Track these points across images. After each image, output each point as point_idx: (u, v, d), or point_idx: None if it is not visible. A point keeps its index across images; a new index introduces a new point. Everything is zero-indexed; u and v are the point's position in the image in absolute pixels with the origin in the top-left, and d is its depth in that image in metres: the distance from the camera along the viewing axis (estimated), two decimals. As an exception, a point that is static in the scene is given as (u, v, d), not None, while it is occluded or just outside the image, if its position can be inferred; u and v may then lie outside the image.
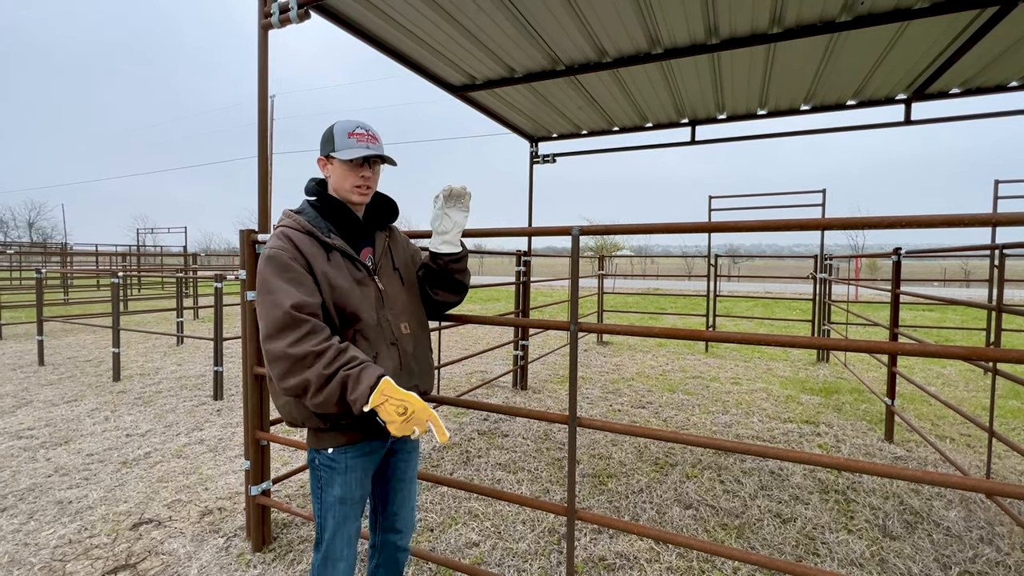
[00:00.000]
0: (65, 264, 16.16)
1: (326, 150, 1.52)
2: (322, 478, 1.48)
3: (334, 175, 1.52)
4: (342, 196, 1.53)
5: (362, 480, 1.52)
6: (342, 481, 1.47)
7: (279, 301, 1.31)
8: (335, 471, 1.47)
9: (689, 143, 4.97)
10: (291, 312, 1.30)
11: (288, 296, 1.32)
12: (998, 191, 6.84)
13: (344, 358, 1.30)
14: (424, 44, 3.30)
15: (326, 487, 1.48)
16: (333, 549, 1.50)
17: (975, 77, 3.72)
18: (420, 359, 1.60)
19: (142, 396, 5.02)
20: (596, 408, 4.74)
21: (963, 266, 31.72)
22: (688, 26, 3.02)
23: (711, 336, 1.62)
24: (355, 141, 1.49)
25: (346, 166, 1.49)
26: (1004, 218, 1.32)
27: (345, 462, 1.47)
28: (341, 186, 1.51)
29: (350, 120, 1.54)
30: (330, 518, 1.49)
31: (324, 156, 1.53)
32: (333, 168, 1.51)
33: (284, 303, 1.31)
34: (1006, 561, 2.37)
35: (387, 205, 1.65)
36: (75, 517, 2.72)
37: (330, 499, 1.48)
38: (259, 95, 2.47)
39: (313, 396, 1.29)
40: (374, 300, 1.50)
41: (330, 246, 1.46)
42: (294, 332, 1.29)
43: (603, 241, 30.81)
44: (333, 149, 1.49)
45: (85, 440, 3.84)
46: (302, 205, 1.56)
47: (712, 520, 2.73)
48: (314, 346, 1.28)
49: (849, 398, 5.09)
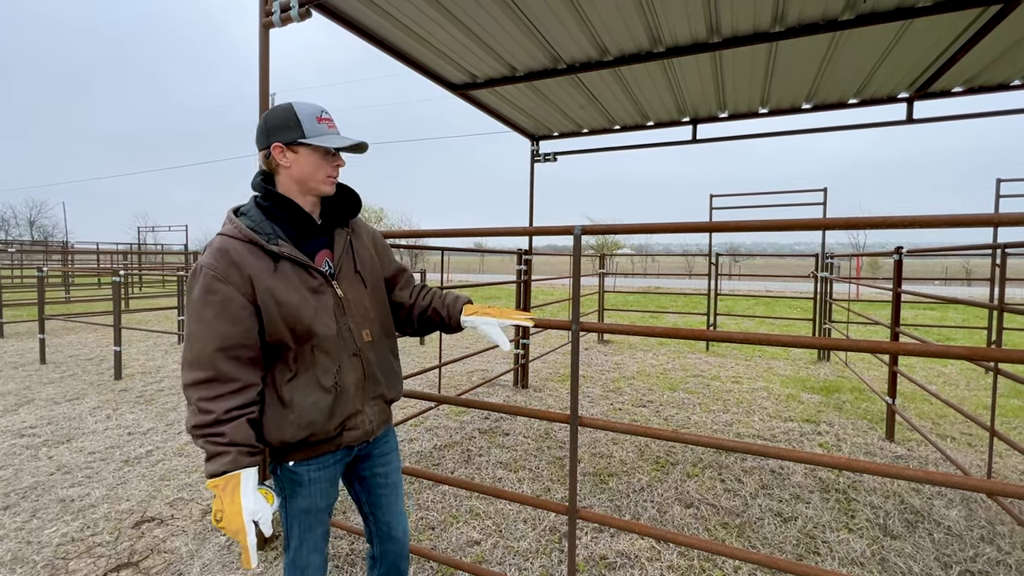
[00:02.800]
0: (66, 262, 16.18)
1: (290, 136, 1.31)
2: (285, 488, 1.40)
3: (301, 165, 1.33)
4: (309, 188, 1.36)
5: (327, 490, 1.44)
6: (305, 493, 1.40)
7: (202, 338, 1.22)
8: (297, 484, 1.39)
9: (690, 142, 4.97)
10: (212, 355, 1.22)
11: (213, 334, 1.22)
12: (1000, 190, 6.83)
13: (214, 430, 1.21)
14: (425, 43, 3.30)
15: (290, 498, 1.40)
16: (300, 556, 1.45)
17: (977, 76, 3.71)
18: (384, 366, 1.50)
19: (144, 394, 5.04)
20: (597, 407, 4.75)
21: (964, 265, 31.68)
22: (690, 24, 3.01)
23: (713, 336, 1.62)
24: (326, 127, 1.35)
25: (319, 155, 1.34)
26: (1006, 218, 1.32)
27: (307, 474, 1.39)
28: (311, 177, 1.34)
29: (308, 103, 1.36)
30: (295, 526, 1.43)
31: (285, 143, 1.32)
32: (299, 157, 1.33)
33: (207, 346, 1.22)
34: (1007, 560, 2.37)
35: (348, 197, 1.46)
36: (77, 515, 2.73)
37: (294, 510, 1.41)
38: (260, 93, 2.47)
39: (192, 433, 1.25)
40: (333, 308, 1.36)
41: (277, 255, 1.30)
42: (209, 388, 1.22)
43: (604, 240, 30.80)
44: (302, 135, 1.31)
45: (87, 438, 3.85)
46: (247, 204, 1.38)
47: (713, 519, 2.74)
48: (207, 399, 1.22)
49: (850, 397, 5.09)
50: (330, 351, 1.35)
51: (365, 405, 1.43)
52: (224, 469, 1.20)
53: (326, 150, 1.35)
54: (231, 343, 1.24)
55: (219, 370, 1.22)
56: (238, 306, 1.24)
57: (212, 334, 1.22)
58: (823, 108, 4.39)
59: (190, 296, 1.27)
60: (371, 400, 1.45)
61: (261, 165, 1.39)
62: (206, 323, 1.23)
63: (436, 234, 2.23)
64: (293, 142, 1.32)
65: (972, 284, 22.84)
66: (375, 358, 1.46)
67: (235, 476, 1.21)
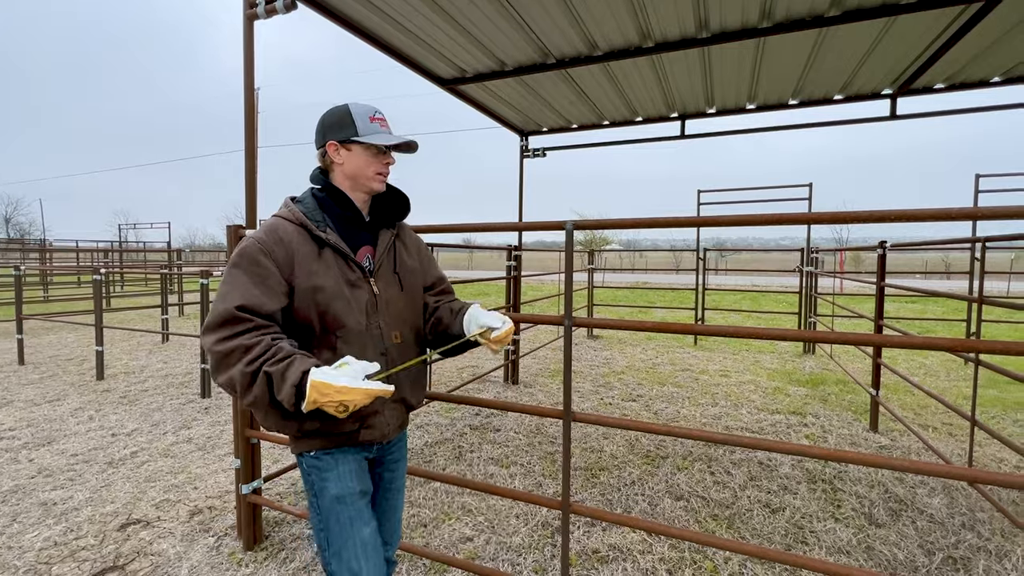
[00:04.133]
0: (45, 261, 15.79)
1: (344, 134, 1.38)
2: (314, 482, 1.35)
3: (353, 162, 1.39)
4: (360, 185, 1.42)
5: (358, 472, 1.38)
6: (335, 476, 1.34)
7: (229, 296, 1.21)
8: (324, 468, 1.35)
9: (679, 137, 4.99)
10: (234, 312, 1.19)
11: (241, 295, 1.21)
12: (979, 185, 6.98)
13: (269, 353, 1.17)
14: (413, 36, 3.26)
15: (320, 491, 1.34)
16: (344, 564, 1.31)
17: (959, 72, 3.78)
18: (410, 371, 1.47)
19: (127, 395, 4.94)
20: (587, 402, 4.77)
21: (943, 259, 32.38)
22: (679, 20, 3.02)
23: (702, 330, 1.63)
24: (378, 127, 1.40)
25: (370, 152, 1.39)
26: (986, 212, 1.34)
27: (332, 457, 1.36)
28: (362, 173, 1.40)
29: (362, 103, 1.42)
30: (332, 524, 1.32)
31: (340, 141, 1.38)
32: (351, 155, 1.39)
33: (231, 300, 1.20)
34: (987, 546, 2.43)
35: (398, 200, 1.51)
36: (60, 519, 2.67)
37: (326, 501, 1.33)
38: (245, 87, 2.42)
39: (242, 396, 1.17)
40: (365, 304, 1.37)
41: (323, 242, 1.34)
42: (228, 328, 1.18)
43: (592, 235, 30.89)
44: (355, 133, 1.37)
45: (69, 440, 3.76)
46: (304, 194, 1.44)
47: (703, 511, 2.77)
48: (243, 340, 1.17)
49: (835, 389, 5.18)
50: (354, 344, 1.34)
51: (384, 406, 1.41)
52: (302, 371, 1.12)
53: (377, 148, 1.39)
54: (256, 304, 1.22)
55: (253, 322, 1.20)
56: (275, 280, 1.26)
57: (241, 293, 1.21)
58: (809, 104, 4.43)
59: (229, 268, 1.27)
60: (392, 402, 1.43)
61: (319, 162, 1.45)
62: (238, 284, 1.23)
63: (425, 230, 2.20)
64: (346, 140, 1.38)
65: (951, 278, 23.36)
66: (402, 361, 1.44)
67: (316, 377, 1.11)
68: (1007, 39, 3.20)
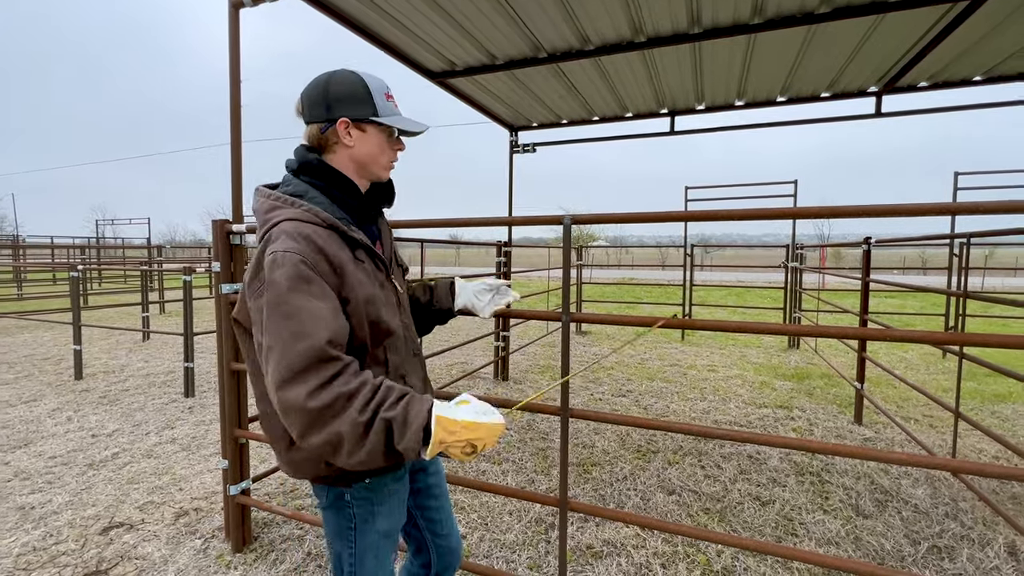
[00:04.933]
0: (18, 257, 15.30)
1: (360, 112, 1.13)
2: (356, 515, 1.18)
3: (366, 145, 1.16)
4: (368, 172, 1.20)
5: (402, 505, 1.28)
6: (386, 512, 1.20)
7: (306, 332, 0.95)
8: (376, 503, 1.18)
9: (668, 133, 5.00)
10: (324, 349, 0.96)
11: (319, 325, 0.97)
12: (957, 183, 7.13)
13: (380, 395, 0.98)
14: (403, 27, 3.20)
15: (364, 525, 1.18)
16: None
17: (942, 71, 3.84)
18: (423, 366, 1.37)
19: (107, 394, 4.81)
20: (577, 397, 4.78)
21: (921, 255, 33.17)
22: (671, 14, 3.01)
23: (690, 324, 1.63)
24: (393, 107, 1.18)
25: (385, 137, 1.18)
26: (966, 207, 1.35)
27: (386, 487, 1.20)
28: (375, 160, 1.18)
29: (374, 75, 1.18)
30: (369, 559, 1.19)
31: (353, 119, 1.13)
32: (366, 137, 1.15)
33: (315, 336, 0.95)
34: (970, 535, 2.49)
35: (387, 187, 1.31)
36: (39, 523, 2.58)
37: (372, 537, 1.19)
38: (231, 77, 2.35)
39: (351, 455, 0.95)
40: (395, 304, 1.23)
41: (356, 243, 1.13)
42: (320, 373, 0.95)
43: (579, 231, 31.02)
44: (375, 112, 1.14)
45: (47, 442, 3.65)
46: (298, 186, 1.14)
47: (695, 505, 2.79)
48: (343, 385, 0.95)
49: (820, 383, 5.26)
50: (400, 351, 1.21)
51: None
52: (427, 410, 0.97)
53: (391, 132, 1.19)
54: (340, 335, 1.00)
55: (342, 361, 0.98)
56: (334, 299, 1.03)
57: (321, 324, 0.97)
58: (797, 101, 4.48)
59: (279, 295, 0.98)
60: None
61: (305, 140, 1.18)
62: (308, 313, 0.97)
63: (413, 224, 2.16)
64: (363, 119, 1.14)
65: (928, 273, 23.94)
66: (423, 359, 1.36)
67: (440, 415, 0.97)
68: (990, 38, 3.26)
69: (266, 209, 1.12)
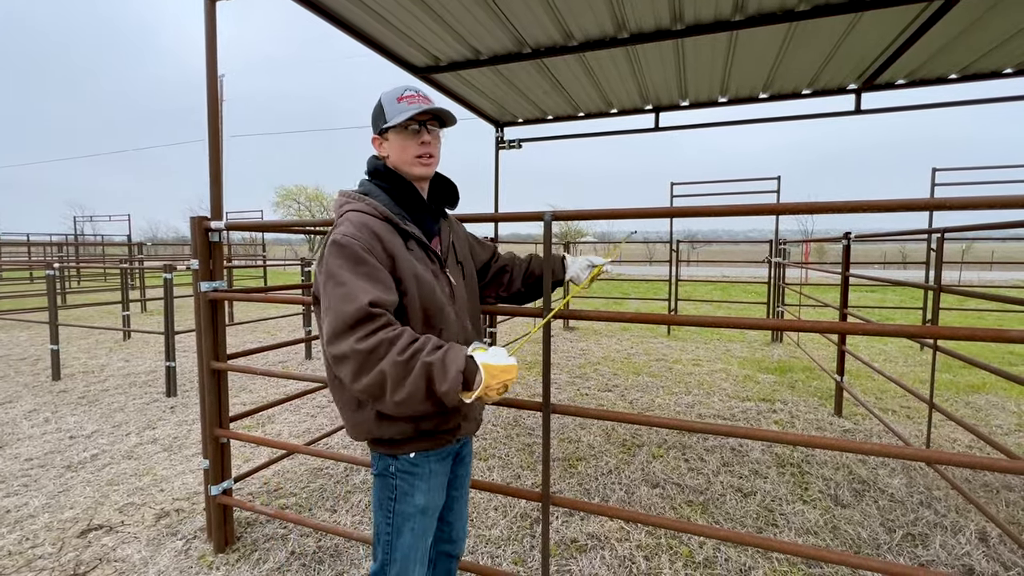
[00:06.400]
0: (-8, 255, 14.89)
1: (379, 125, 1.33)
2: (398, 487, 1.29)
3: (392, 150, 1.33)
4: (406, 172, 1.34)
5: (444, 487, 1.38)
6: (425, 488, 1.30)
7: (354, 295, 1.12)
8: (417, 476, 1.29)
9: (653, 129, 5.03)
10: (367, 308, 1.11)
11: (364, 292, 1.13)
12: (935, 179, 7.29)
13: (419, 342, 1.13)
14: (386, 23, 3.17)
15: (403, 497, 1.29)
16: (407, 569, 1.30)
17: (919, 69, 3.91)
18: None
19: (86, 395, 4.72)
20: (564, 393, 4.80)
21: (901, 249, 33.83)
22: (654, 11, 3.02)
23: (677, 320, 1.65)
24: (406, 104, 1.30)
25: (402, 135, 1.31)
26: (947, 202, 1.38)
27: (428, 466, 1.31)
28: (402, 160, 1.33)
29: (394, 86, 1.36)
30: (407, 532, 1.29)
31: (378, 134, 1.35)
32: (390, 143, 1.33)
33: (360, 298, 1.12)
34: (943, 523, 2.56)
35: (448, 188, 1.46)
36: (14, 527, 2.53)
37: (410, 509, 1.29)
38: (207, 72, 2.30)
39: (394, 393, 1.09)
40: (448, 294, 1.36)
41: (408, 234, 1.29)
42: (364, 326, 1.10)
43: (567, 228, 31.05)
44: (385, 122, 1.31)
45: (23, 444, 3.57)
46: (367, 187, 1.35)
47: (678, 497, 2.82)
48: (385, 334, 1.10)
49: (801, 376, 5.36)
50: (451, 337, 1.31)
51: None
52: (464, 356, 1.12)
53: (406, 128, 1.31)
54: (384, 300, 1.15)
55: (386, 316, 1.14)
56: (386, 276, 1.20)
57: (365, 291, 1.14)
58: (779, 98, 4.53)
59: (333, 271, 1.16)
60: None
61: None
62: (356, 283, 1.14)
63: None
64: (383, 131, 1.33)
65: (908, 267, 24.44)
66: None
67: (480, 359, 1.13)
68: (964, 37, 3.32)
69: (339, 204, 1.34)
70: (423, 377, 1.09)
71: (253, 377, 5.27)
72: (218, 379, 2.32)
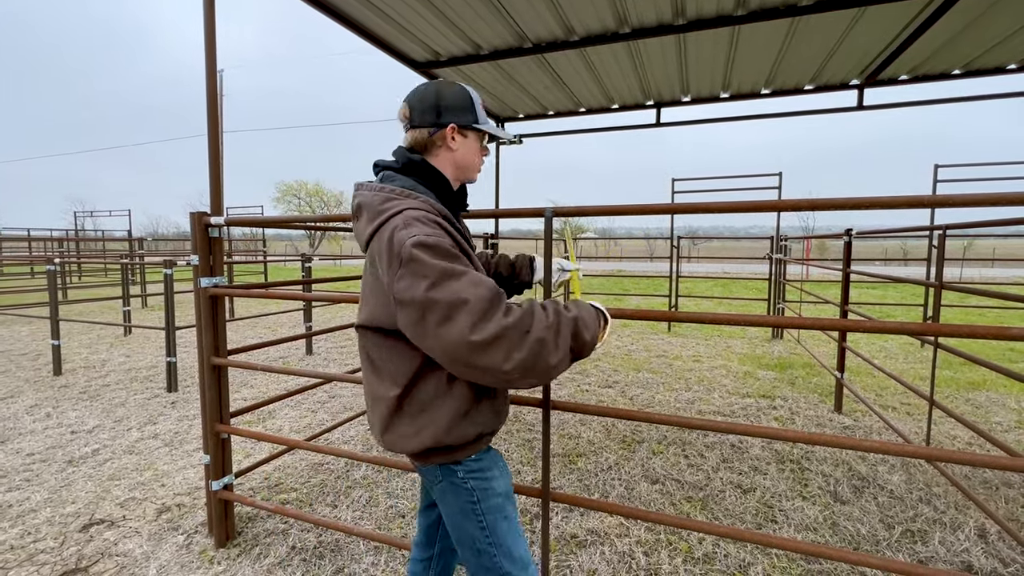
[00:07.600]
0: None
1: (467, 119, 1.27)
2: (476, 489, 1.26)
3: (466, 150, 1.30)
4: (464, 175, 1.34)
5: (506, 465, 1.39)
6: (498, 473, 1.30)
7: (478, 279, 1.08)
8: (487, 467, 1.29)
9: (654, 125, 5.01)
10: (496, 288, 1.09)
11: (482, 279, 1.10)
12: (937, 175, 7.25)
13: (550, 305, 1.15)
14: (387, 17, 3.16)
15: (484, 494, 1.26)
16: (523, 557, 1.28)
17: (922, 65, 3.89)
18: None
19: (87, 390, 4.73)
20: (564, 389, 4.80)
21: (902, 246, 33.79)
22: (655, 5, 3.00)
23: (677, 316, 1.65)
24: (485, 116, 1.33)
25: (479, 143, 1.33)
26: (948, 199, 1.38)
27: (488, 455, 1.32)
28: (471, 164, 1.33)
29: (467, 86, 1.33)
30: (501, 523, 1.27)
31: (460, 126, 1.26)
32: (467, 142, 1.29)
33: (485, 281, 1.09)
34: (942, 519, 2.56)
35: (463, 191, 1.43)
36: (16, 521, 2.54)
37: (496, 501, 1.27)
38: (207, 66, 2.29)
39: (551, 355, 1.08)
40: None
41: (461, 234, 1.26)
42: (502, 303, 1.08)
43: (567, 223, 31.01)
44: (476, 120, 1.28)
45: (24, 439, 3.58)
46: (405, 182, 1.23)
47: (678, 494, 2.83)
48: (520, 309, 1.10)
49: (801, 372, 5.36)
50: None
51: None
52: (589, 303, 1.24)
53: (484, 138, 1.35)
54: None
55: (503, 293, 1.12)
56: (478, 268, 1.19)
57: (481, 278, 1.09)
58: (781, 93, 4.50)
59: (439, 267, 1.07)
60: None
61: (408, 142, 1.28)
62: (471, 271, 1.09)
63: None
64: (468, 125, 1.27)
65: (909, 264, 24.41)
66: None
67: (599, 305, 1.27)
68: (967, 33, 3.30)
69: (381, 201, 1.19)
70: (570, 335, 1.12)
71: (254, 373, 5.28)
72: (218, 375, 2.33)
